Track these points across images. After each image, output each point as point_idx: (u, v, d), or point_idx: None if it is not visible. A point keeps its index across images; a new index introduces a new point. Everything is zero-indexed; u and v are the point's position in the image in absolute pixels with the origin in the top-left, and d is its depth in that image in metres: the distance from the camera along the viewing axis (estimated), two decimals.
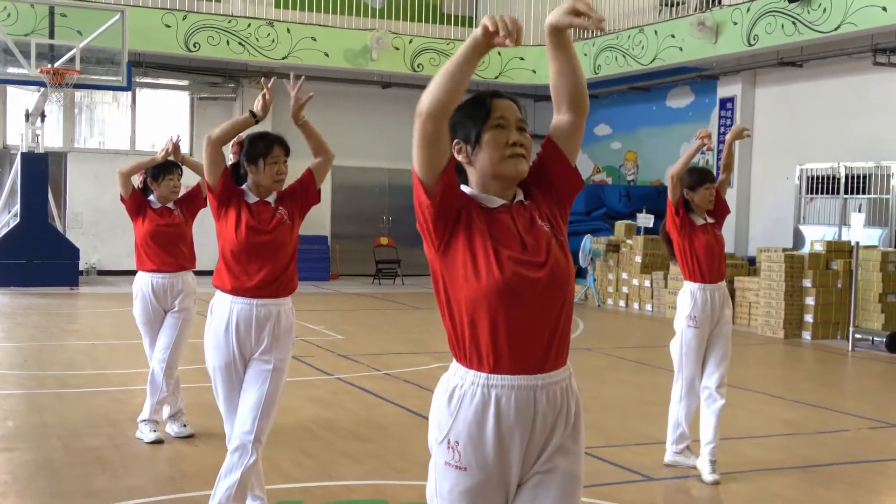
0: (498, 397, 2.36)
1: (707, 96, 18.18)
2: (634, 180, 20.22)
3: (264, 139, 4.35)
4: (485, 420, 2.36)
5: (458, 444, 2.38)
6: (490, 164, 2.47)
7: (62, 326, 11.70)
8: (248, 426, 4.19)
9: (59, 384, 8.05)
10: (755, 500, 5.34)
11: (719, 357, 5.82)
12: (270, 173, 4.32)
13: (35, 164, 16.23)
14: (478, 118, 2.48)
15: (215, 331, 4.25)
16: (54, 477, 5.35)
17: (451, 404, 2.41)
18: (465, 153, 2.50)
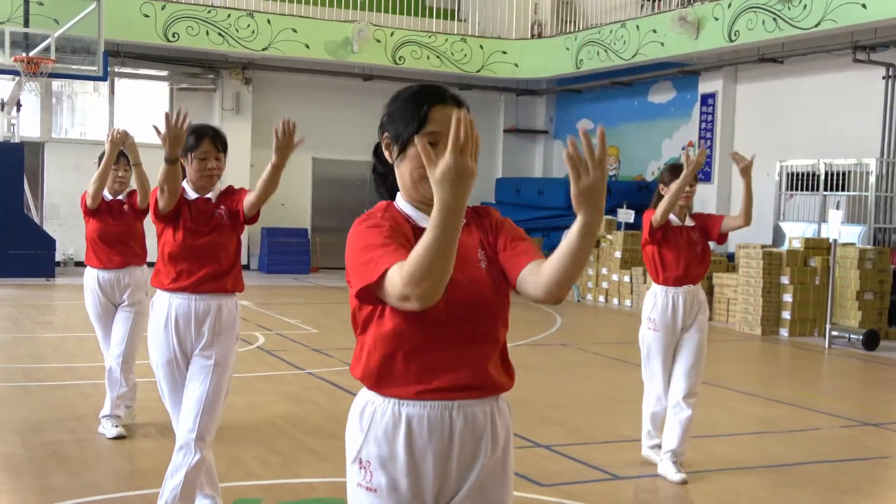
0: (409, 417, 2.25)
1: (689, 92, 18.15)
2: (616, 175, 20.18)
3: (196, 132, 4.21)
4: (395, 439, 2.25)
5: (369, 463, 2.27)
6: (408, 180, 2.29)
7: (35, 318, 11.57)
8: (191, 424, 4.11)
9: (25, 377, 7.95)
10: (722, 500, 5.29)
11: (687, 366, 5.64)
12: (198, 168, 4.20)
13: (11, 154, 16.05)
14: (409, 124, 2.26)
15: (155, 326, 4.18)
16: (10, 473, 5.25)
17: (362, 421, 2.30)
18: (390, 152, 2.33)
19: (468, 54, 20.22)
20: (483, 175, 22.02)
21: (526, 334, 11.54)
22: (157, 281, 4.23)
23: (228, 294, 4.27)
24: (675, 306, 5.62)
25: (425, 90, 2.32)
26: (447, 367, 2.24)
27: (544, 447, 6.24)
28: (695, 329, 5.64)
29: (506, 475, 2.36)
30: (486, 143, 22.26)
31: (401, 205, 2.35)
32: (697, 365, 5.66)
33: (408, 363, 2.24)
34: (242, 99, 19.69)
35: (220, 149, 4.23)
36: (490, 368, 2.30)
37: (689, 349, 5.64)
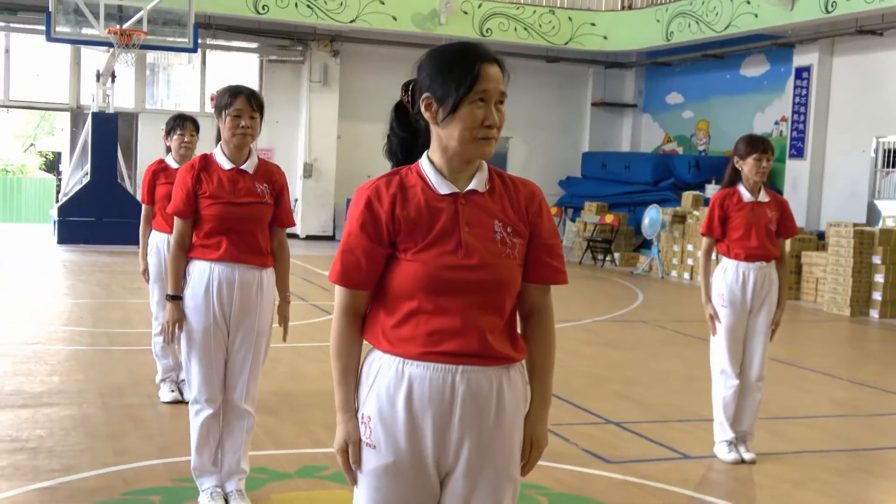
0: (412, 377, 2.25)
1: (782, 65, 17.65)
2: (706, 150, 19.80)
3: (230, 90, 4.18)
4: (396, 397, 2.26)
5: (370, 419, 2.29)
6: (456, 142, 2.26)
7: (124, 284, 11.90)
8: (247, 392, 4.24)
9: (110, 341, 8.18)
10: (794, 483, 5.17)
11: (758, 348, 5.48)
12: (231, 125, 4.14)
13: (105, 124, 16.49)
14: (461, 84, 2.23)
15: (194, 293, 4.20)
16: (88, 434, 5.42)
17: (367, 378, 2.32)
18: (432, 113, 2.27)
19: (556, 26, 20.01)
20: (569, 149, 21.84)
21: (607, 310, 11.43)
22: (197, 251, 4.24)
23: (267, 267, 4.30)
24: (744, 283, 5.45)
25: (472, 48, 2.29)
26: (454, 333, 2.24)
27: (615, 424, 6.18)
28: (765, 310, 5.47)
29: (513, 449, 2.34)
30: (573, 116, 22.06)
31: (424, 167, 2.32)
32: (766, 347, 5.51)
33: (415, 325, 2.25)
34: (330, 71, 19.84)
35: (255, 108, 4.18)
36: (495, 338, 2.28)
37: (760, 331, 5.48)
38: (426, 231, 2.25)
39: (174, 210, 4.23)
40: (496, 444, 2.31)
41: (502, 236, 2.29)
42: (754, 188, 5.47)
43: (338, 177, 20.11)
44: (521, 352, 2.37)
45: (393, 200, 2.27)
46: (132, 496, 4.44)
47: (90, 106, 17.57)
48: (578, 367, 7.91)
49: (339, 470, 4.73)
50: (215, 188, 4.18)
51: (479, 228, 2.27)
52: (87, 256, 14.86)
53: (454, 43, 2.32)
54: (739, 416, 5.51)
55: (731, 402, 5.50)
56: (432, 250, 2.24)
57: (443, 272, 2.22)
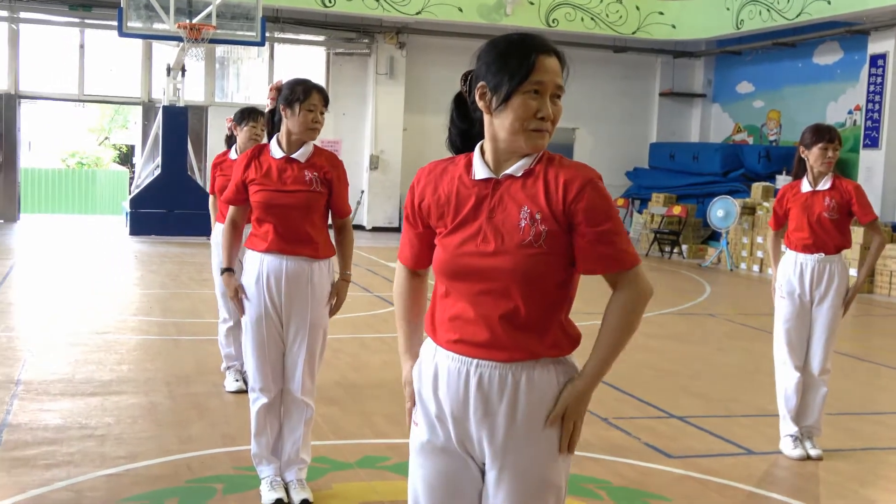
0: (438, 364, 2.31)
1: (857, 53, 17.24)
2: (777, 140, 19.44)
3: (303, 84, 4.22)
4: (428, 382, 2.33)
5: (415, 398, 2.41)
6: (507, 132, 2.22)
7: (192, 275, 12.09)
8: (305, 384, 4.29)
9: (178, 331, 8.33)
10: (862, 481, 5.05)
11: (821, 341, 5.35)
12: (305, 120, 4.17)
13: (175, 118, 16.77)
14: (515, 74, 2.19)
15: (246, 283, 4.25)
16: (154, 422, 5.52)
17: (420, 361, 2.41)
18: (486, 102, 2.25)
19: (623, 15, 19.80)
20: (636, 140, 21.61)
21: (673, 303, 11.30)
22: (250, 241, 4.29)
23: (319, 259, 4.30)
24: (801, 274, 5.34)
25: (530, 39, 2.26)
26: (466, 321, 2.25)
27: (678, 418, 6.11)
28: (828, 303, 5.33)
29: (539, 452, 2.26)
30: (641, 107, 21.81)
31: (475, 154, 2.33)
32: (830, 341, 5.38)
33: (442, 311, 2.31)
34: (396, 63, 19.90)
35: (325, 103, 4.26)
36: (510, 330, 2.21)
37: (822, 324, 5.35)
38: (453, 215, 2.28)
39: (225, 197, 4.37)
40: (512, 446, 2.25)
41: (527, 223, 2.20)
42: (818, 178, 5.34)
43: (403, 169, 20.18)
44: (556, 347, 2.27)
45: (427, 184, 2.35)
46: (195, 483, 4.51)
47: (161, 100, 17.89)
48: (643, 361, 7.83)
49: (401, 461, 4.75)
50: (263, 175, 4.24)
51: (503, 214, 2.23)
52: (157, 247, 15.15)
53: (513, 33, 2.29)
54: (804, 411, 5.41)
55: (792, 395, 5.40)
56: (455, 235, 2.27)
57: (460, 257, 2.25)
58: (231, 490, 4.44)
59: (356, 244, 6.54)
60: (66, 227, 18.81)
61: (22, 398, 5.88)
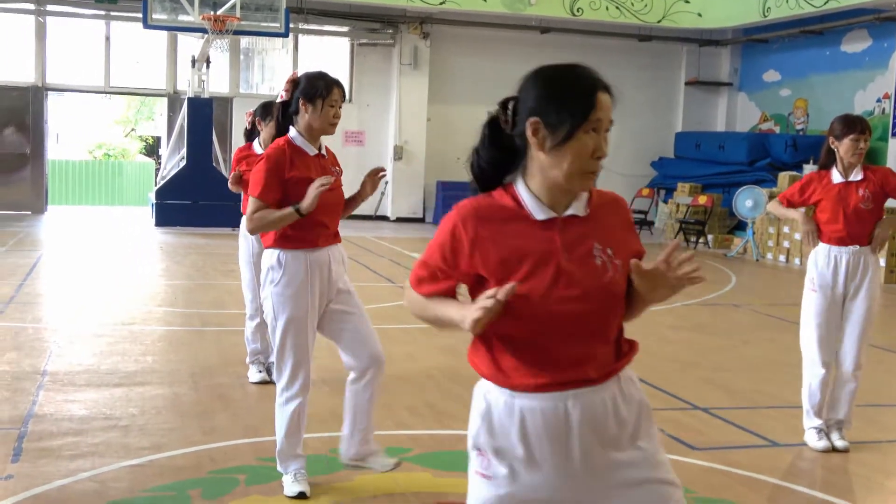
0: (523, 409, 2.18)
1: (886, 40, 17.04)
2: (804, 129, 19.26)
3: (324, 79, 4.20)
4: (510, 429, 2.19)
5: (486, 451, 2.23)
6: (562, 172, 2.16)
7: (217, 266, 12.14)
8: (379, 353, 4.38)
9: (202, 322, 8.37)
10: (885, 472, 5.00)
11: (855, 336, 5.25)
12: (327, 115, 4.18)
13: (200, 109, 16.84)
14: (576, 112, 2.13)
15: (290, 282, 4.20)
16: (177, 413, 5.55)
17: (480, 410, 2.26)
18: (540, 139, 2.16)
19: (648, 4, 19.66)
20: (662, 129, 21.48)
21: (698, 293, 11.23)
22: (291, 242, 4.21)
23: (340, 243, 4.40)
24: (836, 267, 5.25)
25: (589, 73, 2.19)
26: (558, 362, 2.17)
27: (702, 410, 6.07)
28: (862, 296, 5.25)
29: (654, 453, 2.26)
30: (666, 96, 21.67)
31: (521, 191, 2.22)
32: (864, 335, 5.30)
33: (520, 355, 2.18)
34: (420, 53, 19.87)
35: (344, 98, 4.28)
36: (603, 360, 2.21)
37: (857, 318, 5.26)
38: (521, 260, 2.16)
39: (259, 194, 4.16)
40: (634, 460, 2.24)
41: (603, 261, 2.20)
42: (849, 169, 5.27)
43: (427, 159, 20.16)
44: (625, 356, 2.29)
45: (482, 229, 2.18)
46: (218, 474, 4.53)
47: (186, 91, 17.97)
48: (666, 353, 7.79)
49: (422, 452, 4.75)
50: (311, 176, 4.18)
51: (578, 254, 2.19)
52: (182, 238, 15.23)
53: (564, 65, 2.22)
54: (834, 405, 5.34)
55: (816, 391, 5.32)
56: (532, 282, 2.14)
57: (548, 305, 2.14)
58: (254, 481, 4.45)
59: (380, 233, 6.54)
60: (92, 219, 18.96)
61: (48, 389, 5.93)
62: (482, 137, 2.28)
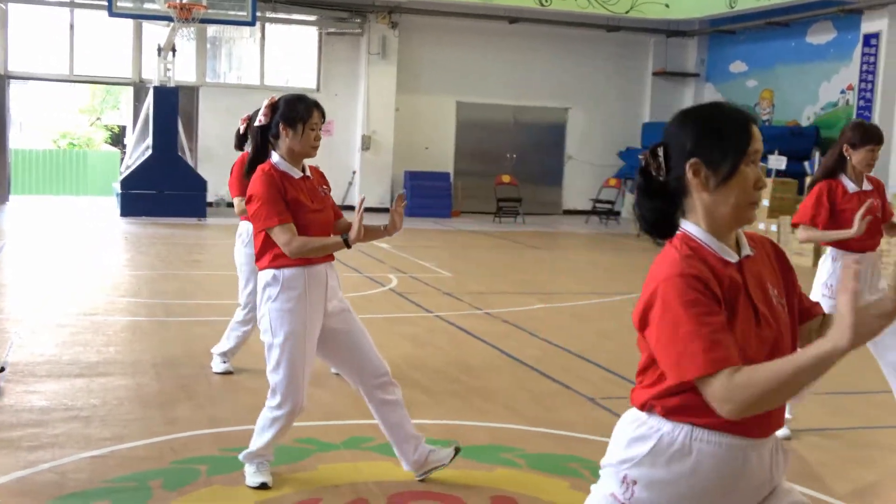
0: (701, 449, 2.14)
1: (850, 32, 17.19)
2: (769, 120, 19.41)
3: (304, 102, 4.15)
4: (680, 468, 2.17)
5: (634, 483, 2.19)
6: (730, 208, 2.13)
7: (182, 256, 12.06)
8: (383, 367, 4.30)
9: (166, 313, 8.30)
10: (853, 460, 5.06)
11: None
12: (308, 139, 4.13)
13: (166, 98, 16.70)
14: (736, 146, 2.12)
15: (288, 298, 4.14)
16: (140, 403, 5.51)
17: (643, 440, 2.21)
18: (702, 179, 2.13)
19: None
20: (629, 120, 21.56)
21: None
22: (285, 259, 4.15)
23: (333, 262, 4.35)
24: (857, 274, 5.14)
25: (737, 108, 2.19)
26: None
27: None
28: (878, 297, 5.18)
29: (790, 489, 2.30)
30: (634, 86, 21.75)
31: (696, 233, 2.18)
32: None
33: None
34: (388, 43, 19.81)
35: (324, 119, 4.21)
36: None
37: None
38: (734, 304, 2.11)
39: (280, 220, 4.05)
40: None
41: (778, 301, 2.20)
42: (859, 178, 5.18)
43: (396, 149, 20.11)
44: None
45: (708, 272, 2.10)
46: (180, 465, 4.50)
47: (152, 80, 17.80)
48: (632, 341, 7.77)
49: (385, 441, 4.75)
50: (300, 198, 4.13)
51: (763, 296, 2.17)
52: (147, 229, 15.11)
53: (710, 105, 2.22)
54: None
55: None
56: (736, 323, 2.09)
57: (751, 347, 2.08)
58: (216, 471, 4.43)
59: None
60: (56, 209, 18.75)
61: (7, 380, 5.86)
62: (638, 189, 2.27)
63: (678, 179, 2.17)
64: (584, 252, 15.66)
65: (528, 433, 5.26)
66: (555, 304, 9.37)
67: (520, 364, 6.87)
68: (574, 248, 16.17)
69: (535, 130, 21.30)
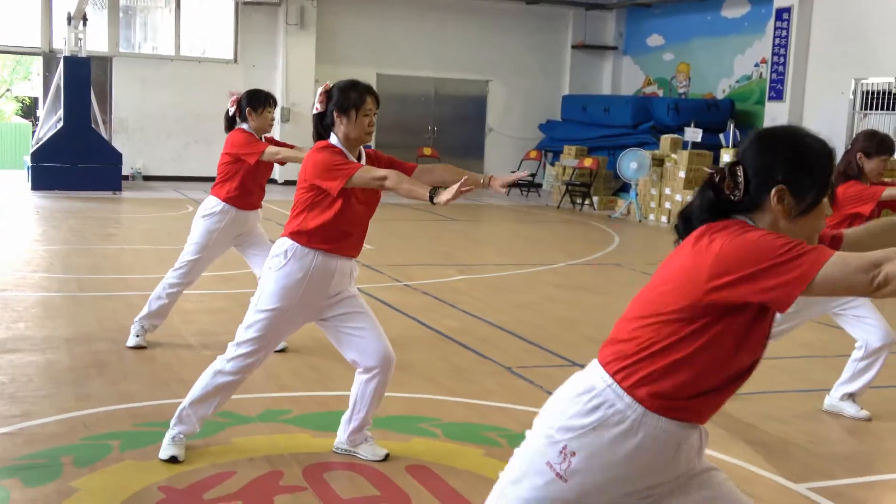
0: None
1: (763, 6, 17.52)
2: (686, 93, 19.71)
3: (356, 88, 4.11)
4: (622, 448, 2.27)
5: (573, 454, 2.24)
6: (806, 236, 2.21)
7: (96, 231, 11.82)
8: (388, 347, 4.28)
9: (79, 288, 8.14)
10: (750, 420, 5.21)
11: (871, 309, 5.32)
12: (362, 125, 4.09)
13: (78, 68, 16.26)
14: (821, 179, 2.20)
15: (289, 272, 4.13)
16: (50, 380, 5.40)
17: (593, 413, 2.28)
18: (785, 206, 2.20)
19: None
20: (549, 92, 21.69)
21: (581, 254, 11.44)
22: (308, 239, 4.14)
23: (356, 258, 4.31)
24: None
25: (821, 141, 2.23)
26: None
27: (581, 366, 6.16)
28: None
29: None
30: (554, 59, 21.87)
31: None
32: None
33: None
34: (307, 14, 19.58)
35: (378, 105, 4.14)
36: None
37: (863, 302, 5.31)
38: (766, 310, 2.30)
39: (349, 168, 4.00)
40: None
41: None
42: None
43: None
44: None
45: None
46: (92, 441, 4.44)
47: (62, 50, 17.31)
48: (551, 311, 7.93)
49: (302, 413, 4.74)
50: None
51: None
52: (60, 202, 14.74)
53: (796, 132, 2.25)
54: None
55: None
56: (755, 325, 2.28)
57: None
58: (128, 446, 4.37)
59: (269, 197, 6.48)
60: None
61: None
62: (701, 202, 2.28)
63: (753, 200, 2.21)
64: (504, 224, 15.77)
65: (446, 403, 5.30)
66: (475, 276, 9.44)
67: (439, 335, 6.91)
68: (495, 220, 16.27)
69: (456, 103, 21.31)
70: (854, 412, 5.36)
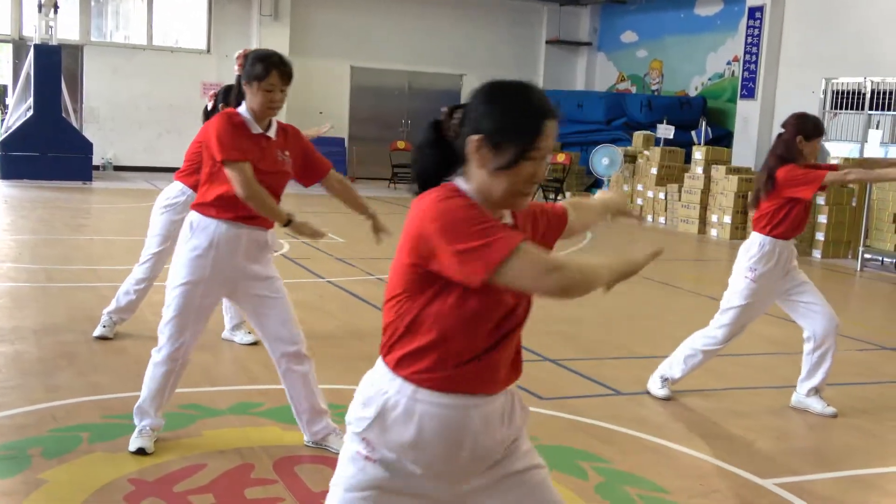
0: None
1: (736, 5, 17.64)
2: (659, 90, 19.81)
3: (265, 61, 4.03)
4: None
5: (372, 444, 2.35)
6: (500, 193, 2.16)
7: (66, 221, 11.72)
8: (296, 336, 4.27)
9: (48, 278, 8.07)
10: (720, 419, 5.26)
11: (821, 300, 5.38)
12: (262, 99, 4.03)
13: (48, 57, 16.09)
14: (524, 141, 2.12)
15: (195, 246, 4.10)
16: (19, 371, 5.36)
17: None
18: (481, 157, 2.14)
19: None
20: None
21: (555, 250, 11.47)
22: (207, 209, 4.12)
23: (271, 228, 4.26)
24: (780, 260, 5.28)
25: (541, 100, 2.16)
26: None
27: (552, 361, 6.24)
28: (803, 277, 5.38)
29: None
30: (528, 55, 21.90)
31: (466, 190, 2.19)
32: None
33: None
34: (281, 5, 19.49)
35: (287, 81, 4.07)
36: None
37: (812, 289, 5.37)
38: None
39: (239, 155, 3.99)
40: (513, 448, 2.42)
41: None
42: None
43: (289, 113, 19.80)
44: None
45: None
46: (61, 432, 4.41)
47: (32, 38, 17.13)
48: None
49: (274, 406, 4.73)
50: (250, 154, 4.03)
51: None
52: (29, 192, 14.61)
53: (518, 84, 2.18)
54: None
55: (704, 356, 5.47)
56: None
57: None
58: (98, 438, 4.35)
59: None
60: None
61: None
62: (425, 138, 2.24)
63: (463, 147, 2.18)
64: None
65: None
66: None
67: None
68: None
69: (430, 96, 21.28)
70: (821, 409, 5.42)
